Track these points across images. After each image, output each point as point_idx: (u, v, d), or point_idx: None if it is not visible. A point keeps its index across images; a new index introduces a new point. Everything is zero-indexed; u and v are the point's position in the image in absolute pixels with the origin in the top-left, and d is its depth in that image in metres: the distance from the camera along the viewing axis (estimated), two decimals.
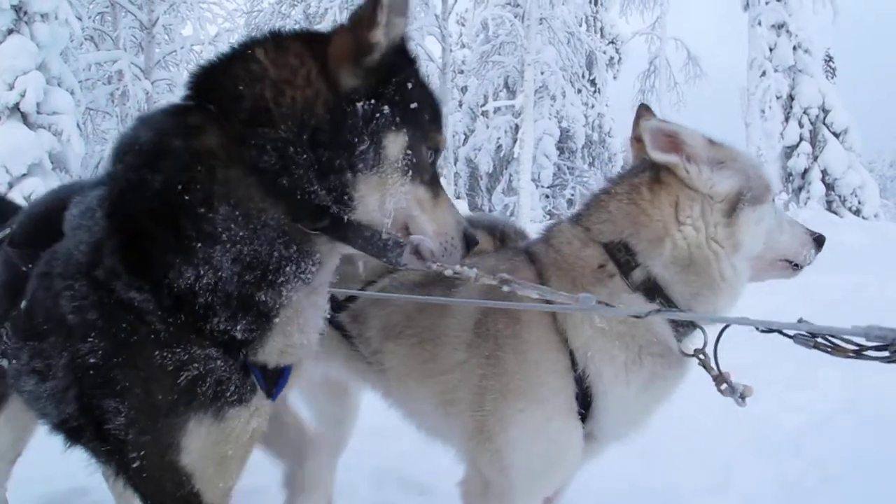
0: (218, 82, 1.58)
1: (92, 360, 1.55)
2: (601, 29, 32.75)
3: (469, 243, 1.75)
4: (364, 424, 3.20)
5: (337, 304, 2.42)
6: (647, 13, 26.92)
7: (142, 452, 1.56)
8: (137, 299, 1.50)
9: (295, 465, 2.12)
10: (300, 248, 1.55)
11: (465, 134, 29.48)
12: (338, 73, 1.53)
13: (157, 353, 1.50)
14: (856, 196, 22.94)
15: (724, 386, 1.93)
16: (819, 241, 2.23)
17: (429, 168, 1.67)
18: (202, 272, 1.49)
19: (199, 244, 1.48)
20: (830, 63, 34.99)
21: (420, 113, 1.62)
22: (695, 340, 2.04)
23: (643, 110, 2.35)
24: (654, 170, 2.10)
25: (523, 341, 2.09)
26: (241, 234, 1.49)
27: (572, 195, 31.32)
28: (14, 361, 1.84)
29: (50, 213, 1.92)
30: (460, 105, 29.92)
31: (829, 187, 23.15)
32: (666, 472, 3.65)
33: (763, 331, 1.72)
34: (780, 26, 23.15)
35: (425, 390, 2.32)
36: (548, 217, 25.97)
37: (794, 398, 4.72)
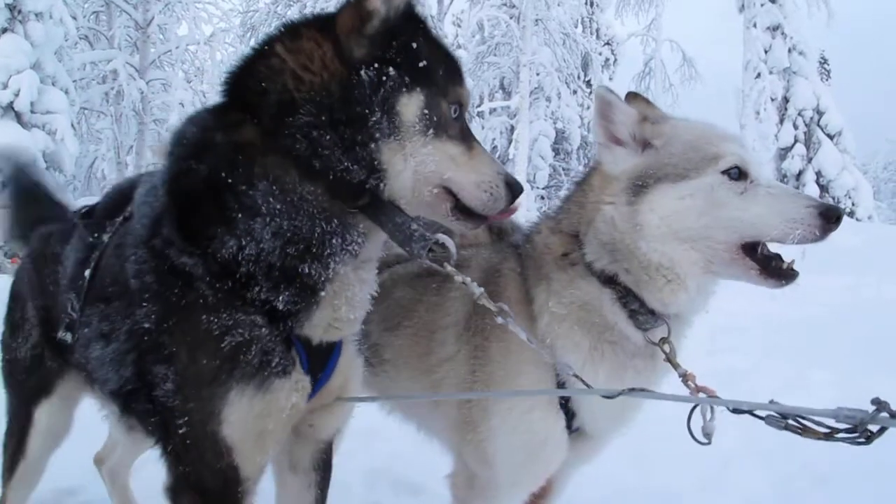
0: (244, 81, 1.67)
1: (146, 325, 1.64)
2: (597, 30, 32.78)
3: (513, 190, 1.72)
4: (356, 425, 3.19)
5: None
6: (642, 15, 27.01)
7: (186, 419, 1.61)
8: (189, 264, 1.59)
9: None
10: (343, 222, 1.60)
11: None
12: (348, 47, 1.58)
13: (203, 316, 1.57)
14: (850, 198, 23.04)
15: (691, 384, 1.81)
16: (827, 214, 1.84)
17: (454, 123, 1.67)
18: (244, 243, 1.56)
19: (240, 215, 1.56)
20: (825, 65, 35.09)
21: (432, 70, 1.62)
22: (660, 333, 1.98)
23: (630, 100, 2.30)
24: None
25: (506, 330, 2.08)
26: (279, 207, 1.55)
27: None
28: (84, 330, 1.93)
29: (122, 191, 2.10)
30: None
31: (824, 189, 23.24)
32: (659, 473, 3.66)
33: (732, 410, 1.61)
34: (775, 28, 23.23)
35: (417, 383, 2.35)
36: None
37: (786, 400, 4.72)
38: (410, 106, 1.57)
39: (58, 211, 2.65)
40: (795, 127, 23.53)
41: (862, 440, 1.29)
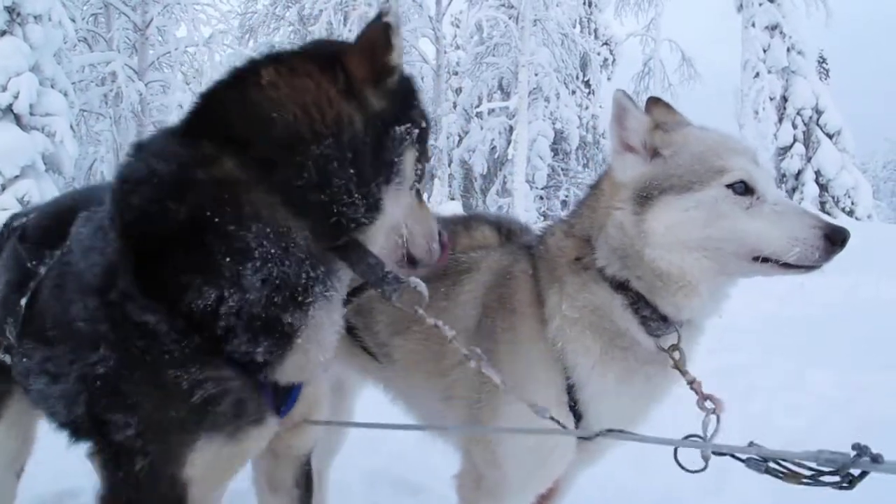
0: (228, 110, 1.60)
1: (102, 371, 1.54)
2: (595, 30, 32.79)
3: (442, 241, 1.86)
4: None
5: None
6: (641, 15, 27.08)
7: (146, 460, 1.54)
8: (151, 321, 1.49)
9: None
10: (327, 267, 1.58)
11: (459, 135, 29.46)
12: (364, 94, 1.59)
13: (169, 372, 1.49)
14: (849, 197, 23.06)
15: (697, 397, 1.85)
16: (832, 236, 1.83)
17: (420, 178, 1.78)
18: (227, 293, 1.48)
19: (229, 260, 1.48)
20: (824, 64, 35.10)
21: (425, 131, 1.73)
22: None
23: (651, 105, 2.30)
24: None
25: (517, 333, 2.12)
26: (272, 251, 1.49)
27: (566, 197, 31.33)
28: (24, 360, 1.84)
29: (60, 215, 1.97)
30: (454, 106, 29.91)
31: (823, 188, 23.27)
32: (659, 476, 3.65)
33: (715, 454, 1.61)
34: (773, 28, 23.25)
35: (429, 385, 2.34)
36: (542, 219, 25.99)
37: (786, 399, 4.73)
38: (411, 160, 1.67)
39: None
40: (794, 126, 23.54)
41: (845, 485, 1.29)
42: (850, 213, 22.49)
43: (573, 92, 30.27)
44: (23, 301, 1.87)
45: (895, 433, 3.68)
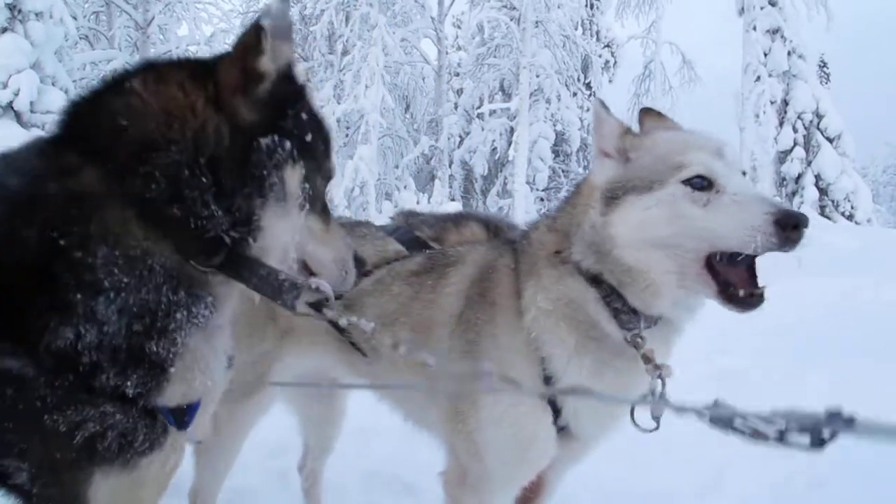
0: (94, 117, 1.51)
1: None
2: (597, 32, 32.78)
3: (359, 265, 1.77)
4: (352, 426, 3.21)
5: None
6: (642, 17, 27.02)
7: (49, 501, 1.46)
8: (15, 367, 1.36)
9: None
10: (189, 292, 1.47)
11: (460, 136, 29.43)
12: (231, 103, 1.50)
13: (45, 417, 1.37)
14: (849, 201, 23.06)
15: (650, 364, 1.88)
16: (782, 221, 1.74)
17: (321, 197, 1.67)
18: (83, 330, 1.37)
19: (79, 296, 1.36)
20: (824, 68, 35.13)
21: (315, 144, 1.60)
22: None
23: (644, 114, 2.42)
24: None
25: (496, 325, 2.17)
26: (124, 280, 1.38)
27: None
28: None
29: None
30: (455, 107, 29.89)
31: (823, 192, 23.26)
32: (656, 475, 3.66)
33: (677, 413, 1.57)
34: (774, 31, 23.24)
35: (419, 377, 2.35)
36: None
37: (784, 401, 4.72)
38: (294, 178, 1.55)
39: None
40: (795, 130, 23.54)
41: (814, 446, 1.25)
42: (850, 218, 22.49)
43: (574, 94, 30.25)
44: None
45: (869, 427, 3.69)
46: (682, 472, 3.69)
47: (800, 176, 23.37)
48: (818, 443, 1.23)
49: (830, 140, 23.36)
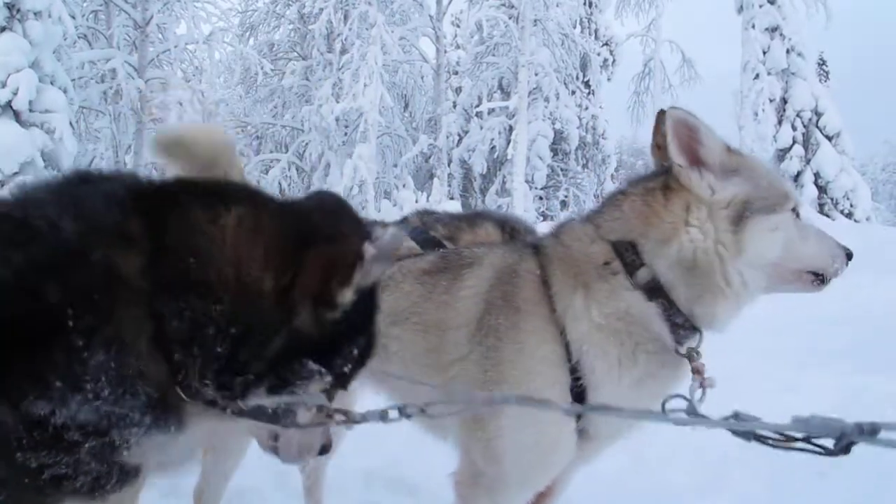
0: (181, 218, 1.42)
1: None
2: (595, 31, 32.78)
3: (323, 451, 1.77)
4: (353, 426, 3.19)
5: None
6: (641, 15, 27.08)
7: None
8: None
9: None
10: (163, 416, 1.40)
11: (458, 135, 29.42)
12: (295, 307, 1.42)
13: (17, 455, 1.32)
14: (848, 199, 23.06)
15: (695, 375, 1.96)
16: (849, 255, 2.19)
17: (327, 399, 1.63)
18: (57, 411, 1.29)
19: (59, 384, 1.28)
20: (823, 66, 35.11)
21: (350, 376, 1.56)
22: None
23: (663, 115, 2.37)
24: (668, 174, 2.13)
25: (521, 331, 2.13)
26: (105, 392, 1.30)
27: (566, 197, 31.33)
28: None
29: None
30: (454, 106, 29.88)
31: (822, 190, 23.26)
32: (658, 472, 3.66)
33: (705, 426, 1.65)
34: (773, 29, 23.24)
35: (430, 379, 2.33)
36: (541, 218, 25.98)
37: (784, 401, 4.73)
38: (313, 388, 1.50)
39: None
40: (794, 128, 23.54)
41: (835, 452, 1.27)
42: (849, 216, 22.49)
43: (573, 92, 30.25)
44: None
45: (894, 434, 3.69)
46: (684, 468, 3.69)
47: (799, 174, 23.36)
48: (845, 449, 1.25)
49: (829, 138, 23.36)
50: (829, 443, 1.26)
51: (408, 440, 2.66)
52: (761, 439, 1.45)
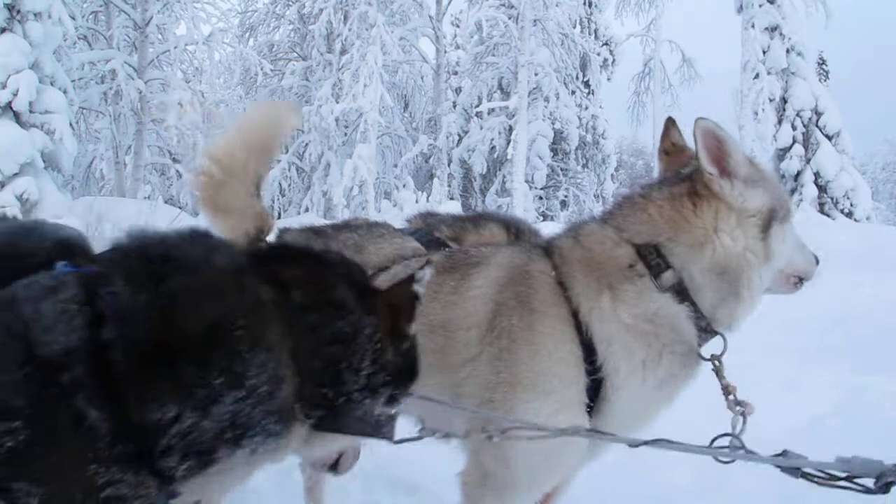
0: (295, 269, 1.68)
1: (9, 443, 1.40)
2: (595, 31, 32.81)
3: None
4: None
5: None
6: (641, 15, 27.11)
7: None
8: (93, 417, 1.40)
9: None
10: (277, 427, 1.56)
11: (458, 135, 29.42)
12: (384, 344, 1.69)
13: (91, 466, 1.40)
14: (848, 198, 23.06)
15: (731, 396, 2.01)
16: (818, 261, 2.38)
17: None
18: (184, 417, 1.43)
19: (201, 392, 1.44)
20: (823, 66, 35.15)
21: (400, 396, 1.79)
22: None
23: (671, 123, 2.47)
24: (692, 181, 2.17)
25: (537, 333, 2.13)
26: (264, 389, 1.49)
27: (566, 196, 31.34)
28: None
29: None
30: (454, 106, 29.88)
31: (822, 189, 23.27)
32: (658, 472, 3.66)
33: (747, 461, 1.80)
34: (773, 29, 23.26)
35: (433, 380, 2.31)
36: (541, 218, 25.99)
37: (784, 399, 4.74)
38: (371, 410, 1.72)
39: None
40: (794, 128, 23.54)
41: (879, 490, 1.37)
42: (849, 215, 22.50)
43: (573, 92, 30.28)
44: None
45: (894, 434, 3.70)
46: (684, 467, 3.69)
47: (799, 173, 23.37)
48: (884, 488, 1.38)
49: (829, 137, 23.37)
50: (869, 482, 1.38)
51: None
52: (807, 477, 1.59)
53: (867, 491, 1.36)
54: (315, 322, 1.60)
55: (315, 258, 1.78)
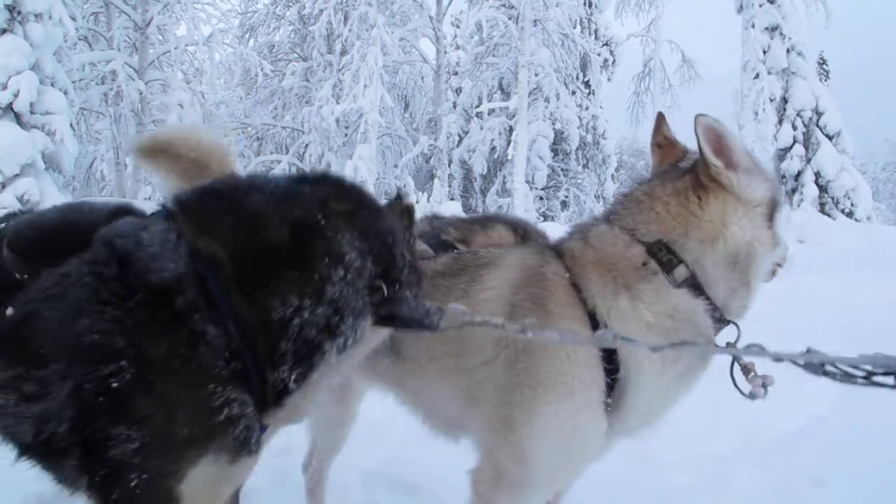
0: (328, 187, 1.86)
1: (113, 385, 1.46)
2: (595, 31, 32.81)
3: None
4: (354, 426, 3.20)
5: None
6: (641, 15, 27.10)
7: (143, 476, 1.49)
8: (211, 333, 1.52)
9: None
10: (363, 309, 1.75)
11: (459, 135, 29.39)
12: (413, 240, 2.00)
13: (210, 386, 1.51)
14: (848, 198, 23.06)
15: (751, 374, 2.07)
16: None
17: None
18: (305, 303, 1.60)
19: (326, 260, 1.64)
20: (824, 66, 35.15)
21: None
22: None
23: (661, 118, 2.51)
24: (694, 174, 2.18)
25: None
26: (344, 268, 1.66)
27: (566, 197, 31.33)
28: None
29: (60, 231, 1.86)
30: (454, 106, 29.87)
31: (823, 189, 23.27)
32: (658, 473, 3.66)
33: (775, 360, 1.81)
34: (773, 29, 23.25)
35: (446, 383, 2.33)
36: (542, 219, 25.97)
37: (785, 401, 4.73)
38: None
39: None
40: (794, 127, 23.54)
41: None
42: (850, 215, 22.50)
43: (573, 92, 30.27)
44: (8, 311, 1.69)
45: (894, 434, 3.70)
46: (685, 468, 3.70)
47: (799, 173, 23.38)
48: None
49: (830, 137, 23.37)
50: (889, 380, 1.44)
51: (408, 440, 2.66)
52: (829, 374, 1.63)
53: (888, 386, 1.41)
54: (365, 217, 1.77)
55: (338, 179, 1.92)
